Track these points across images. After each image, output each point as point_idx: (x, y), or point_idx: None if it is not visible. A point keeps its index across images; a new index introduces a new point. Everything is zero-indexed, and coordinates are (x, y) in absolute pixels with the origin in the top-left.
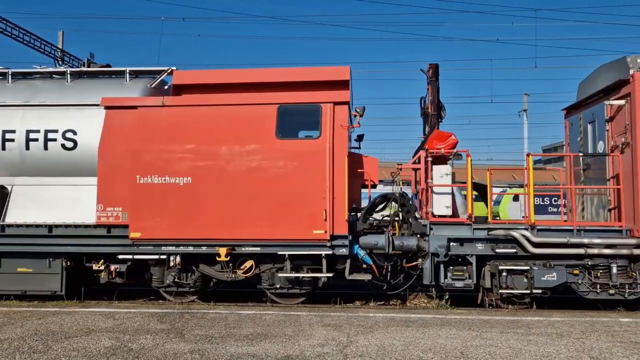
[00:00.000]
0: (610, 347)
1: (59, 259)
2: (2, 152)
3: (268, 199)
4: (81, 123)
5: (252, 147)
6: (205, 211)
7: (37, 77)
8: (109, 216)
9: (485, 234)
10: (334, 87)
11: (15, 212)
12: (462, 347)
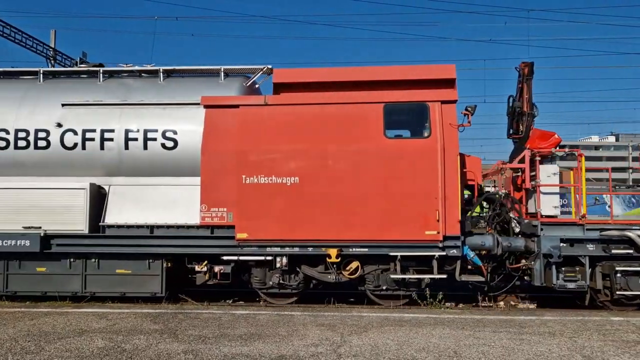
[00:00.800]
0: (602, 346)
1: (159, 260)
2: (101, 151)
3: (377, 199)
4: (181, 122)
5: (360, 147)
6: (313, 212)
7: (124, 75)
8: (213, 217)
9: (598, 235)
10: (440, 86)
11: (114, 212)
12: (456, 346)
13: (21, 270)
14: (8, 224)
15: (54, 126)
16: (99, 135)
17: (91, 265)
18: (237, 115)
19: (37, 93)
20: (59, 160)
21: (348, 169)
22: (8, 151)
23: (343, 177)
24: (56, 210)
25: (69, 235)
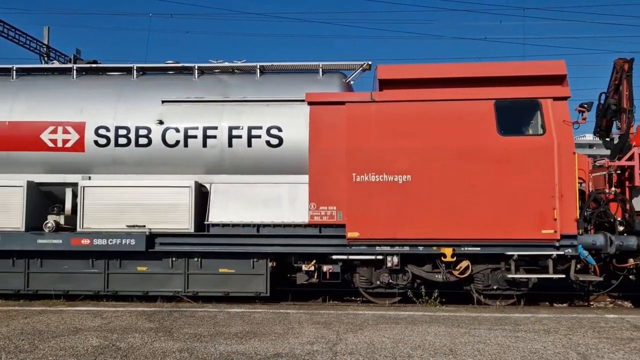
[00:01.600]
0: (597, 343)
1: (264, 260)
2: (203, 149)
3: (490, 198)
4: (286, 119)
5: (473, 144)
6: (424, 210)
7: (217, 71)
8: (322, 215)
9: None
10: (551, 82)
11: (217, 211)
12: (451, 344)
13: (122, 270)
14: (112, 223)
15: (155, 123)
16: (202, 132)
17: (193, 264)
18: (343, 112)
19: (134, 90)
20: (159, 158)
21: (460, 166)
22: (108, 149)
23: (455, 174)
24: (160, 209)
25: (173, 234)
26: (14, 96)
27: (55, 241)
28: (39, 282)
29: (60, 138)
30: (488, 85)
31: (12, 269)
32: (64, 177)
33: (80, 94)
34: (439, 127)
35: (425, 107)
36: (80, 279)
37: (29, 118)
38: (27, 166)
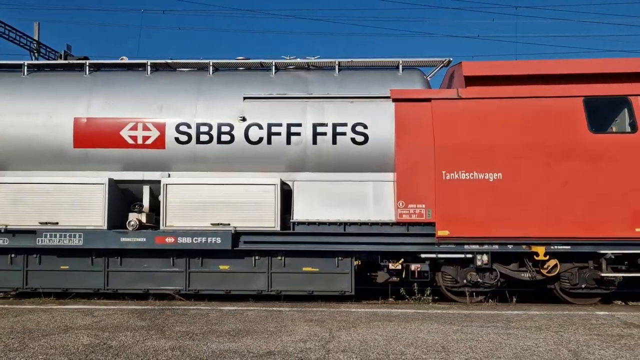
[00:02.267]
0: (588, 340)
1: (349, 258)
2: (287, 146)
3: (582, 196)
4: (371, 116)
5: (564, 142)
6: (515, 208)
7: (291, 67)
8: (411, 213)
9: None
10: (638, 79)
11: (301, 209)
12: (444, 341)
13: (203, 268)
14: (195, 221)
15: (237, 120)
16: (286, 129)
17: (276, 263)
18: (428, 109)
19: (213, 86)
20: (241, 155)
21: (551, 164)
22: (189, 146)
23: (546, 172)
24: (245, 207)
25: (258, 233)
26: (89, 92)
27: (139, 239)
28: (118, 281)
29: (140, 135)
30: (575, 82)
31: (90, 268)
32: (143, 175)
33: (159, 90)
34: (528, 124)
35: (512, 104)
36: (160, 278)
37: (107, 115)
38: (105, 163)
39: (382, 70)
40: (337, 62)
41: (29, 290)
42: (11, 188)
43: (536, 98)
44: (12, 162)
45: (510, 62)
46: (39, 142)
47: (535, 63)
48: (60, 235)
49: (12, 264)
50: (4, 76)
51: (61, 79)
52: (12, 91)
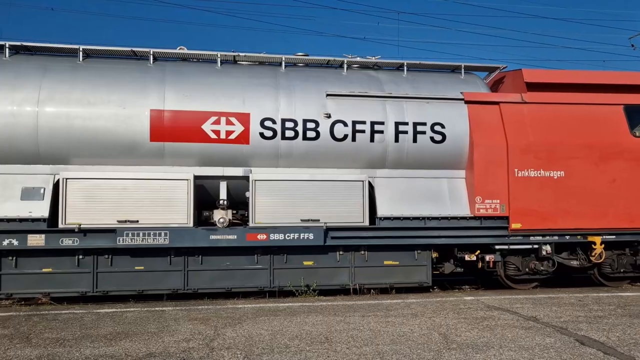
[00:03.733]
0: (456, 324)
1: (427, 251)
2: (370, 144)
3: (627, 192)
4: (447, 116)
5: (612, 143)
6: (572, 203)
7: (355, 67)
8: (487, 208)
9: None
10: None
11: (384, 204)
12: (327, 332)
13: (287, 265)
14: (284, 217)
15: (322, 116)
16: (369, 127)
17: (359, 257)
18: (497, 111)
19: (292, 81)
20: (326, 152)
21: (602, 163)
22: (274, 141)
23: (598, 171)
24: (333, 203)
25: (347, 228)
26: (162, 83)
27: (229, 237)
28: (198, 281)
29: (223, 129)
30: (614, 91)
31: (169, 267)
32: (223, 170)
33: (237, 83)
34: (581, 127)
35: (567, 109)
36: (243, 276)
37: (187, 107)
38: (182, 158)
39: (444, 72)
40: (405, 63)
41: (99, 294)
42: (84, 184)
43: (586, 105)
44: (74, 156)
45: (563, 72)
46: (108, 135)
47: (586, 73)
48: (143, 234)
49: (80, 266)
50: (58, 61)
51: (126, 67)
52: (74, 78)
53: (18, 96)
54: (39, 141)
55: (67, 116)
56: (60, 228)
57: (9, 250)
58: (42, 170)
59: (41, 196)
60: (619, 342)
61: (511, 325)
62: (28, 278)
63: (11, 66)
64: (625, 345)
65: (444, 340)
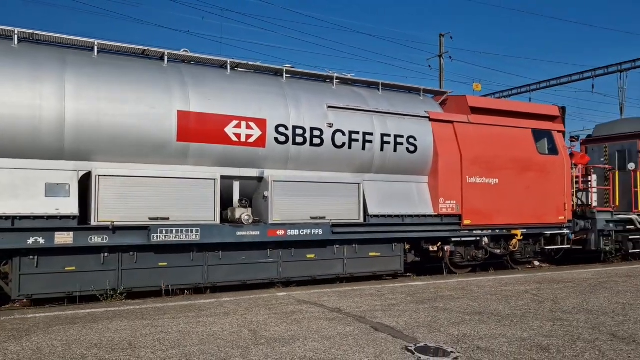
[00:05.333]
0: (267, 319)
1: (401, 244)
2: (362, 151)
3: (536, 196)
4: (418, 131)
5: (527, 158)
6: (504, 204)
7: (337, 81)
8: (447, 208)
9: (617, 217)
10: (554, 120)
11: (372, 204)
12: (132, 337)
13: (293, 258)
14: (296, 215)
15: (326, 126)
16: (362, 137)
17: (350, 250)
18: (452, 128)
19: (294, 92)
20: (328, 157)
21: (521, 174)
22: (286, 146)
23: (519, 179)
24: (335, 202)
25: (347, 224)
26: (183, 85)
27: (253, 233)
28: (217, 275)
29: (244, 133)
30: (528, 118)
31: (191, 263)
32: (240, 171)
33: (252, 91)
34: (509, 144)
35: (499, 129)
36: (254, 269)
37: (211, 110)
38: (204, 158)
39: (410, 94)
40: (381, 83)
41: (125, 291)
42: (116, 181)
43: (510, 127)
44: (99, 153)
45: (495, 100)
46: (137, 133)
47: (508, 102)
48: (177, 231)
49: (104, 264)
50: (74, 54)
51: (144, 67)
52: (98, 73)
53: (41, 89)
54: (65, 137)
55: (97, 113)
56: (92, 225)
57: (30, 250)
58: (66, 167)
59: (67, 193)
60: (406, 325)
61: (317, 318)
62: (49, 278)
63: (25, 55)
64: (410, 328)
65: (253, 336)
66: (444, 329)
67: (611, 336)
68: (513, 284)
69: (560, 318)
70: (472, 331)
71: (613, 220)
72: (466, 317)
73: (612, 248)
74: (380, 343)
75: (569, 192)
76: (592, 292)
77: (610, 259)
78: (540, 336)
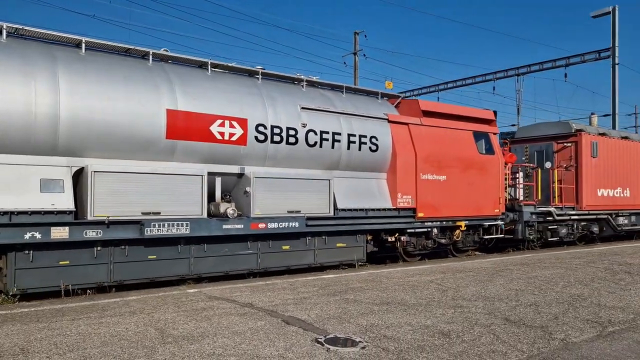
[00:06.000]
0: (175, 317)
1: (363, 235)
2: (331, 150)
3: (476, 191)
4: (379, 131)
5: (469, 157)
6: (450, 199)
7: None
8: (404, 202)
9: (539, 210)
10: (490, 123)
11: (340, 199)
12: (25, 342)
13: (271, 249)
14: (275, 209)
15: (300, 126)
16: (331, 136)
17: (320, 241)
18: (407, 130)
19: (269, 92)
20: (302, 155)
21: (465, 171)
22: (265, 144)
23: (463, 176)
24: (308, 197)
25: (319, 217)
26: (170, 83)
27: (238, 226)
28: (202, 267)
29: (227, 131)
30: (469, 121)
31: (177, 256)
32: (223, 168)
33: (233, 91)
34: (455, 144)
35: (446, 131)
36: (236, 260)
37: (197, 109)
38: (190, 155)
39: (369, 97)
40: (345, 86)
41: (115, 284)
42: (110, 177)
43: (455, 129)
44: (91, 149)
45: (443, 104)
46: (128, 130)
47: (454, 107)
48: (168, 225)
49: (97, 258)
50: (62, 50)
51: (131, 65)
52: (87, 70)
53: (35, 84)
54: (60, 133)
55: (90, 109)
56: (88, 220)
57: (25, 244)
58: (60, 162)
59: (61, 188)
60: (317, 318)
61: (228, 313)
62: (43, 272)
63: (14, 50)
64: (321, 320)
65: (160, 335)
66: (353, 319)
67: (505, 320)
68: (420, 275)
69: (461, 305)
70: (379, 321)
71: (536, 212)
72: (375, 308)
73: (535, 237)
74: (291, 336)
75: (502, 188)
76: (489, 280)
77: (533, 247)
78: (442, 323)
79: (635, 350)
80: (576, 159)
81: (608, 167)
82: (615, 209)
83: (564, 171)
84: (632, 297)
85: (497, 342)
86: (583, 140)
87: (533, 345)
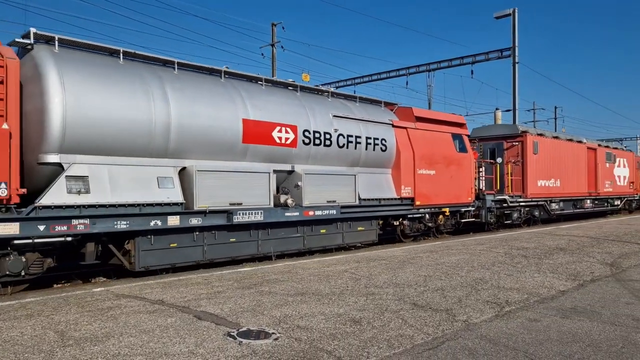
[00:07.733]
0: (78, 318)
1: (376, 220)
2: (355, 150)
3: (456, 183)
4: (386, 134)
5: (450, 155)
6: (438, 190)
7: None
8: (406, 193)
9: (497, 198)
10: (461, 126)
11: (361, 190)
12: None
13: (314, 233)
14: (317, 199)
15: (333, 131)
16: (354, 139)
17: (346, 225)
18: (406, 133)
19: (307, 103)
20: (334, 155)
21: (448, 167)
22: (308, 147)
23: (446, 171)
24: (340, 189)
25: (347, 206)
26: (240, 97)
27: (295, 213)
28: (267, 247)
29: (283, 136)
30: (449, 125)
31: (249, 239)
32: (280, 166)
33: (283, 102)
34: (440, 145)
35: (433, 133)
36: (289, 242)
37: (262, 118)
38: (256, 156)
39: (373, 105)
40: (358, 97)
41: (207, 262)
42: (208, 175)
43: (439, 132)
44: (190, 151)
45: (431, 111)
46: (218, 136)
47: (439, 113)
48: (249, 213)
49: (195, 241)
50: (162, 70)
51: (212, 81)
52: (184, 87)
53: (153, 100)
54: (170, 138)
55: (190, 119)
56: (194, 210)
57: (148, 230)
58: (169, 163)
59: (172, 184)
60: (230, 312)
61: (137, 312)
62: (159, 253)
63: (133, 72)
64: (234, 314)
65: (60, 338)
66: (267, 311)
67: (413, 305)
68: (335, 265)
69: (373, 293)
70: (293, 311)
71: (495, 200)
72: (289, 299)
73: (494, 220)
74: (202, 331)
75: (473, 180)
76: (400, 268)
77: (492, 228)
78: (354, 310)
79: (527, 327)
80: (522, 155)
81: (545, 162)
82: (550, 197)
83: (514, 165)
84: (527, 279)
85: (405, 326)
86: (527, 139)
87: (438, 327)
